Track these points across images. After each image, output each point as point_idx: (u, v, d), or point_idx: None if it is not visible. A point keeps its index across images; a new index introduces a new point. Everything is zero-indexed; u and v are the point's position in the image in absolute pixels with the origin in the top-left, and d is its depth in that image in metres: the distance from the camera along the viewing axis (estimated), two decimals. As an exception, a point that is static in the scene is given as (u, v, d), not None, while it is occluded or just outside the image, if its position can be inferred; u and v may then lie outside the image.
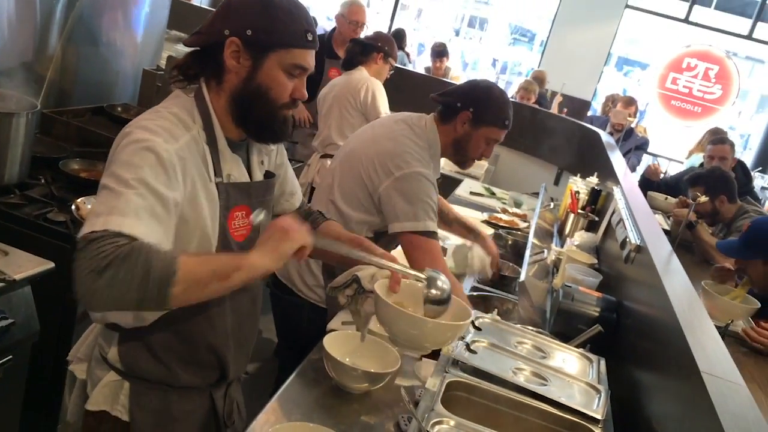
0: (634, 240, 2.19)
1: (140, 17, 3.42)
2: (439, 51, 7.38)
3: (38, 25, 2.74)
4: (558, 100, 7.14)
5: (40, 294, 1.92)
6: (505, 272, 2.75)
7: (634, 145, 5.94)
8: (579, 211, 3.28)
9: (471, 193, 4.35)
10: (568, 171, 5.10)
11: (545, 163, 5.88)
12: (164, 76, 3.23)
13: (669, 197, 4.72)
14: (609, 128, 5.97)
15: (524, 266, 2.44)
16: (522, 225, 3.63)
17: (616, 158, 3.94)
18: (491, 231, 3.26)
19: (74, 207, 2.20)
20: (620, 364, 1.79)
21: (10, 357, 1.85)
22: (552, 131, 5.71)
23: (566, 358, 1.69)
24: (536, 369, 1.56)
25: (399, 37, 7.08)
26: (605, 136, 4.96)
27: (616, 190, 3.06)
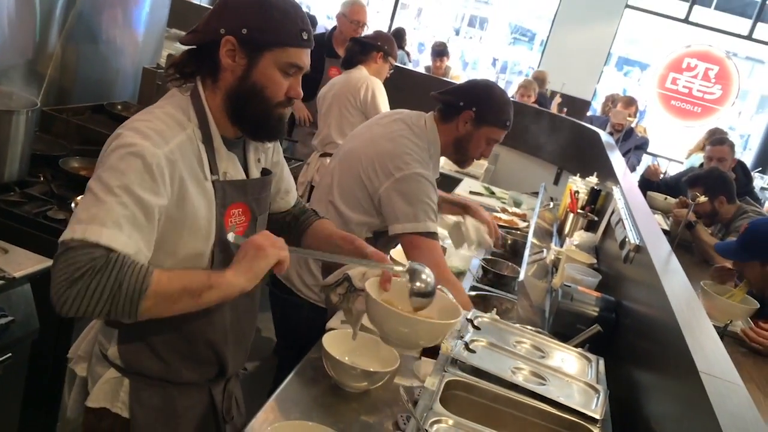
0: (634, 240, 2.19)
1: (140, 15, 3.42)
2: (440, 50, 7.38)
3: (38, 23, 2.73)
4: (557, 101, 7.14)
5: (40, 292, 1.91)
6: (505, 272, 2.75)
7: (634, 145, 5.94)
8: (578, 211, 3.28)
9: (470, 193, 4.35)
10: (568, 171, 5.10)
11: (545, 163, 5.88)
12: (164, 74, 3.23)
13: (669, 197, 4.72)
14: (609, 128, 5.98)
15: (523, 266, 2.44)
16: (521, 224, 3.63)
17: (616, 158, 3.94)
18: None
19: (74, 205, 2.20)
20: (619, 364, 1.79)
21: (10, 355, 1.86)
22: (552, 131, 5.71)
23: (565, 358, 1.69)
24: (535, 368, 1.56)
25: (399, 37, 7.07)
26: (605, 136, 4.96)
27: (616, 190, 3.06)
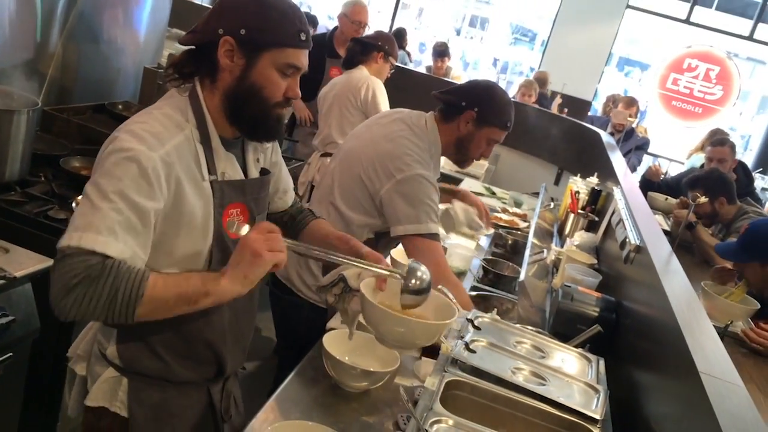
0: (634, 240, 2.19)
1: (141, 15, 3.42)
2: (441, 51, 7.38)
3: (39, 23, 2.74)
4: (558, 102, 7.14)
5: (41, 291, 1.91)
6: (505, 272, 2.75)
7: (635, 146, 5.94)
8: (579, 211, 3.28)
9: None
10: (569, 171, 5.10)
11: (545, 163, 5.88)
12: (163, 75, 3.23)
13: (669, 198, 4.72)
14: (610, 128, 5.98)
15: (524, 266, 2.43)
16: (522, 225, 3.63)
17: (617, 158, 3.94)
18: (491, 231, 3.26)
19: (74, 204, 2.20)
20: (619, 364, 1.79)
21: (11, 354, 1.86)
22: (552, 131, 5.71)
23: (565, 358, 1.69)
24: (535, 369, 1.56)
25: (400, 37, 7.09)
26: (605, 136, 4.96)
27: (616, 191, 3.05)
